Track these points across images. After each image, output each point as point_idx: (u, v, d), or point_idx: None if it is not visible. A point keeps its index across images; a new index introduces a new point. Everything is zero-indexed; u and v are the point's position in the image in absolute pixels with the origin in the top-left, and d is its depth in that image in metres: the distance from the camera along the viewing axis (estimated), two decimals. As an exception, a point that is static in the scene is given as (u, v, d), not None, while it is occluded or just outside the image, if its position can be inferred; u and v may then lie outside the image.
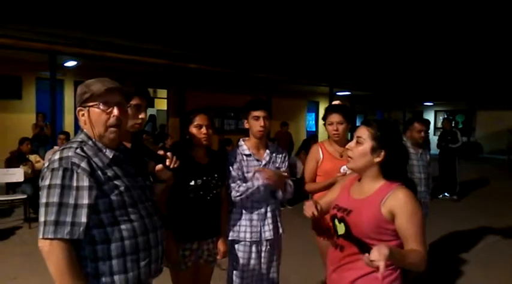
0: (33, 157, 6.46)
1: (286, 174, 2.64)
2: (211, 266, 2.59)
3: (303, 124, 16.06)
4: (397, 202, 1.61)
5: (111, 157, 1.56)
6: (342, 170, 2.74)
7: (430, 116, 18.60)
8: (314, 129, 16.51)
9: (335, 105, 3.05)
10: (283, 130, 10.77)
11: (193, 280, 2.52)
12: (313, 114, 16.92)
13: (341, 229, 1.72)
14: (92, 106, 1.55)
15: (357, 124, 1.87)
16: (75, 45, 7.15)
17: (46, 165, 1.50)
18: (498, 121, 16.28)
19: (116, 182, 1.52)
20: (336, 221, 1.76)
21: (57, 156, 1.47)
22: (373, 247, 1.40)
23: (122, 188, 1.53)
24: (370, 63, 11.30)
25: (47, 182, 1.43)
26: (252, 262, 2.61)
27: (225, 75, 10.12)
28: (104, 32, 6.94)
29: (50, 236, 1.37)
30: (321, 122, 17.13)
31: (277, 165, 2.68)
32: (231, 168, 2.57)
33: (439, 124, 16.65)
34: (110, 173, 1.53)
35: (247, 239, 2.58)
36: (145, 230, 1.57)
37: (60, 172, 1.42)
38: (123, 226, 1.51)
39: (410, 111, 16.84)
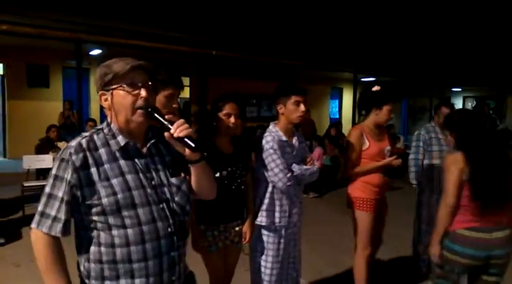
0: (61, 144, 6.61)
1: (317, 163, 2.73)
2: (238, 248, 2.61)
3: (326, 111, 15.88)
4: None
5: (122, 144, 1.40)
6: (386, 152, 3.05)
7: (458, 102, 18.06)
8: (337, 116, 16.30)
9: (386, 92, 3.19)
10: (306, 116, 10.68)
11: (223, 261, 2.55)
12: (337, 100, 16.69)
13: None
14: (115, 88, 1.38)
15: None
16: (100, 34, 7.24)
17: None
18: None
19: (113, 180, 1.36)
20: None
21: (66, 145, 1.41)
22: None
23: (117, 188, 1.35)
24: (395, 48, 11.01)
25: (51, 170, 1.39)
26: (281, 246, 2.60)
27: (247, 61, 10.06)
28: (128, 20, 6.99)
29: (34, 226, 1.36)
30: (344, 109, 16.85)
31: (303, 152, 2.70)
32: (272, 155, 2.50)
33: (468, 111, 16.14)
34: (110, 169, 1.37)
35: (277, 224, 2.58)
36: (142, 238, 1.36)
37: (58, 162, 1.36)
38: (114, 232, 1.35)
39: (438, 98, 16.38)
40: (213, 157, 2.33)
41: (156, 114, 1.40)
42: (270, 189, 2.56)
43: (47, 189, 1.36)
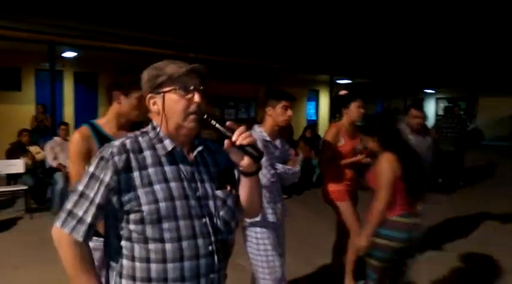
0: (33, 149, 6.46)
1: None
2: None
3: (303, 113, 16.03)
4: None
5: (169, 149, 1.30)
6: (357, 150, 3.34)
7: (431, 103, 18.55)
8: (315, 118, 16.47)
9: (354, 91, 3.67)
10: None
11: None
12: (314, 102, 16.87)
13: None
14: (167, 91, 1.29)
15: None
16: (74, 36, 7.11)
17: None
18: (500, 107, 16.24)
19: (156, 186, 1.25)
20: None
21: (109, 143, 1.31)
22: None
23: (160, 195, 1.24)
24: (370, 50, 11.23)
25: (88, 167, 1.29)
26: (273, 241, 2.66)
27: (224, 64, 10.08)
28: (102, 22, 6.90)
29: (57, 225, 1.25)
30: (321, 111, 17.04)
31: (286, 155, 2.85)
32: None
33: (440, 112, 16.62)
34: (155, 174, 1.27)
35: (270, 220, 2.67)
36: (180, 255, 1.24)
37: (97, 160, 1.26)
38: (151, 246, 1.24)
39: (412, 99, 16.77)
40: None
41: (213, 121, 1.29)
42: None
43: (80, 187, 1.25)
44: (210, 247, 1.29)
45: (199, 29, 7.65)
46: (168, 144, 1.31)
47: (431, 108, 18.08)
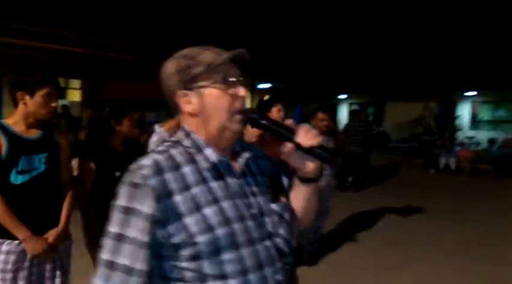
0: None
1: None
2: None
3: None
4: None
5: (213, 160, 1.05)
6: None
7: (344, 108, 19.78)
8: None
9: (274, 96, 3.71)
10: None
11: None
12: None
13: None
14: (206, 86, 1.05)
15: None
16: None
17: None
18: (405, 112, 17.83)
19: (208, 210, 0.99)
20: None
21: (133, 165, 1.02)
22: None
23: (213, 220, 0.99)
24: (290, 56, 11.70)
25: (114, 201, 1.01)
26: None
27: (145, 64, 9.84)
28: (7, 17, 6.38)
29: (100, 283, 0.98)
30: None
31: None
32: None
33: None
34: (202, 195, 1.01)
35: None
36: None
37: (127, 189, 0.99)
38: None
39: (327, 104, 17.78)
40: (110, 156, 2.56)
41: (268, 121, 1.09)
42: None
43: (113, 228, 0.97)
44: (278, 276, 1.06)
45: (113, 26, 7.40)
46: (211, 154, 1.05)
47: (344, 113, 19.27)
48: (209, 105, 1.05)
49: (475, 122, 16.10)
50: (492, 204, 7.43)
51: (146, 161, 1.01)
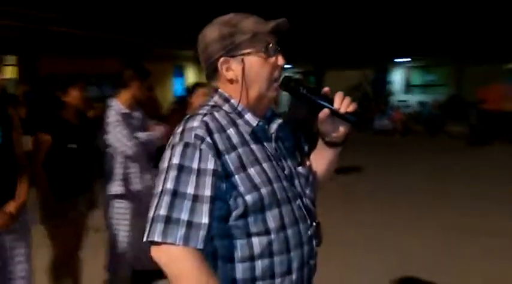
0: None
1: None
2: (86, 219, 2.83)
3: (170, 89, 16.06)
4: None
5: (254, 124, 1.10)
6: None
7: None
8: (184, 94, 16.63)
9: None
10: (149, 94, 10.72)
11: (74, 232, 2.72)
12: (181, 78, 17.00)
13: None
14: (249, 53, 1.08)
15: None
16: None
17: (169, 141, 1.09)
18: (344, 80, 18.62)
19: (252, 170, 1.04)
20: None
21: (180, 128, 1.06)
22: None
23: (259, 180, 1.04)
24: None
25: (164, 163, 1.03)
26: (136, 212, 2.81)
27: (85, 38, 9.54)
28: None
29: (156, 239, 0.95)
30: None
31: (145, 123, 2.99)
32: (117, 127, 2.69)
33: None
34: (246, 155, 1.05)
35: (134, 190, 2.80)
36: (287, 246, 1.07)
37: (180, 148, 1.01)
38: (255, 240, 1.04)
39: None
40: (65, 130, 2.60)
41: (307, 90, 1.16)
42: (120, 159, 2.76)
43: (169, 185, 0.98)
44: (309, 231, 1.14)
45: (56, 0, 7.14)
46: (252, 119, 1.10)
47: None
48: (250, 73, 1.09)
49: (408, 87, 17.23)
50: (422, 160, 8.29)
51: (196, 123, 1.04)
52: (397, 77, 17.40)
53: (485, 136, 9.56)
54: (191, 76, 16.27)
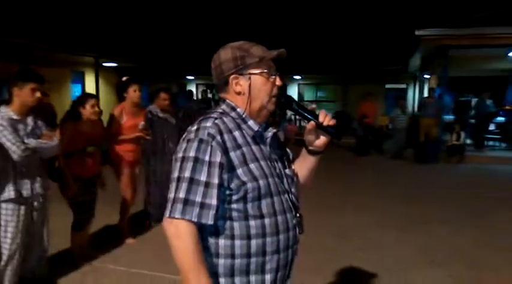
0: None
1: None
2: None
3: (68, 95, 15.37)
4: None
5: (256, 129, 1.36)
6: (140, 126, 4.16)
7: (192, 88, 20.59)
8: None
9: (132, 77, 4.47)
10: (44, 100, 10.28)
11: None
12: (79, 84, 16.35)
13: None
14: (256, 73, 1.35)
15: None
16: None
17: (184, 136, 1.33)
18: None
19: (252, 165, 1.30)
20: None
21: (194, 127, 1.31)
22: None
23: (258, 173, 1.29)
24: (135, 36, 11.84)
25: (180, 154, 1.27)
26: (22, 218, 2.87)
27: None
28: None
29: (177, 216, 1.21)
30: (88, 92, 16.53)
31: (40, 132, 3.00)
32: (2, 132, 2.70)
33: (199, 96, 18.71)
34: (248, 153, 1.31)
35: (24, 195, 2.87)
36: (276, 229, 1.32)
37: (195, 143, 1.25)
38: (252, 223, 1.29)
39: (177, 84, 18.31)
40: None
41: (298, 106, 1.43)
42: (11, 164, 2.79)
43: (186, 173, 1.23)
44: (294, 220, 1.39)
45: None
46: (253, 125, 1.36)
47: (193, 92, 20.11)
48: (255, 89, 1.35)
49: (301, 101, 18.76)
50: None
51: (209, 123, 1.29)
52: (292, 92, 18.84)
53: (369, 147, 10.91)
54: (90, 82, 15.75)
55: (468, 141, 10.81)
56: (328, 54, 17.31)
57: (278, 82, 1.39)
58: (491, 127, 11.57)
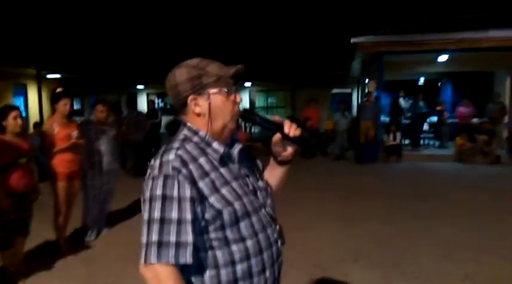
0: None
1: None
2: None
3: (10, 109, 14.81)
4: None
5: (222, 151, 1.29)
6: (74, 136, 4.20)
7: (143, 98, 20.43)
8: (24, 114, 15.48)
9: (64, 90, 4.56)
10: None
11: None
12: (22, 97, 15.80)
13: None
14: (214, 92, 1.28)
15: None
16: None
17: (148, 173, 1.25)
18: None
19: (224, 190, 1.24)
20: None
21: (157, 162, 1.23)
22: None
23: (231, 197, 1.24)
24: (79, 46, 11.69)
25: (147, 193, 1.20)
26: None
27: None
28: None
29: (153, 261, 1.13)
30: (31, 105, 16.08)
31: None
32: None
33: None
34: (217, 179, 1.24)
35: None
36: (259, 248, 1.28)
37: (161, 181, 1.18)
38: (234, 248, 1.24)
39: (127, 93, 18.07)
40: None
41: (261, 119, 1.40)
42: None
43: (156, 214, 1.16)
44: (275, 234, 1.35)
45: None
46: (218, 147, 1.29)
47: (143, 102, 19.91)
48: (216, 108, 1.28)
49: (253, 108, 19.11)
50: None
51: (171, 156, 1.21)
52: (244, 99, 19.16)
53: (314, 150, 11.35)
54: (33, 94, 15.28)
55: (407, 141, 11.54)
56: (277, 61, 17.81)
57: (238, 99, 1.35)
58: (425, 127, 12.41)
